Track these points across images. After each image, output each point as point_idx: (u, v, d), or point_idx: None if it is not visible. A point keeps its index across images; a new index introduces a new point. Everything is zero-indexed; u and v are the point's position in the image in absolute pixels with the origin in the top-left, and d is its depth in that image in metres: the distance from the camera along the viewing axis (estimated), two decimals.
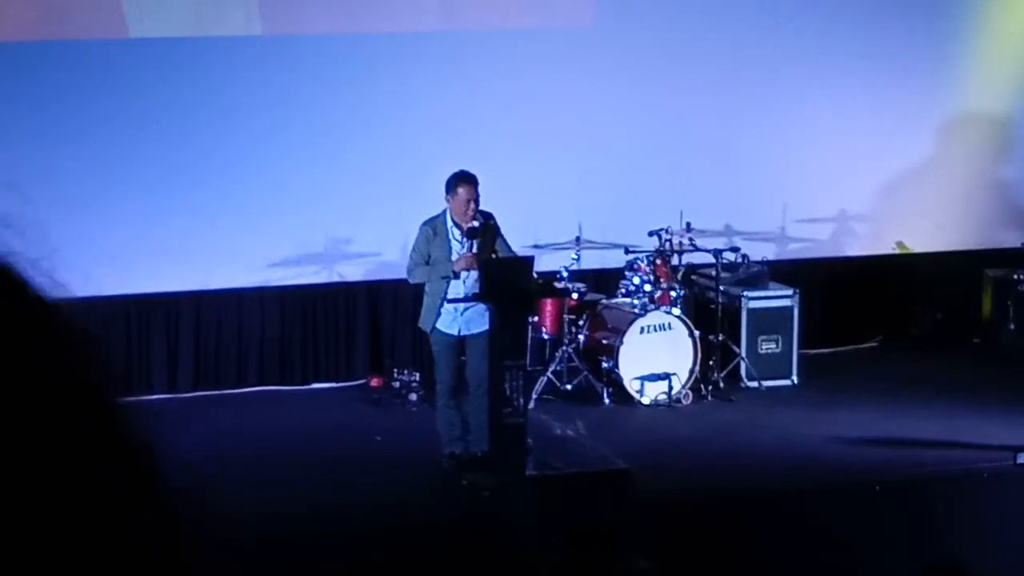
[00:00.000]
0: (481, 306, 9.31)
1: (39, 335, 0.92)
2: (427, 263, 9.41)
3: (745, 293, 11.83)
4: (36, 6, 11.07)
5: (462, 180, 9.36)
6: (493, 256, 9.38)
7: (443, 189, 9.40)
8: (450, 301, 9.31)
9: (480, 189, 9.41)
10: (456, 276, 9.33)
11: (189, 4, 11.36)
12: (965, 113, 13.13)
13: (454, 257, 9.36)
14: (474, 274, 9.31)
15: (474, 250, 9.33)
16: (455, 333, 9.40)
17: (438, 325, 9.42)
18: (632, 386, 11.01)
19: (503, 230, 9.53)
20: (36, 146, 10.95)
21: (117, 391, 0.94)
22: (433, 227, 9.43)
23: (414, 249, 9.51)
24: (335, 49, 11.62)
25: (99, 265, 11.08)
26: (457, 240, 9.37)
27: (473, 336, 9.39)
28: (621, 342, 10.96)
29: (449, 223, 9.39)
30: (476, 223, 9.34)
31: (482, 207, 9.44)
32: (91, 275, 11.05)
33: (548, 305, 11.08)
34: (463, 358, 9.46)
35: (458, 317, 9.37)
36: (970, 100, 13.08)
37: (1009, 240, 13.16)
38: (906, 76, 12.79)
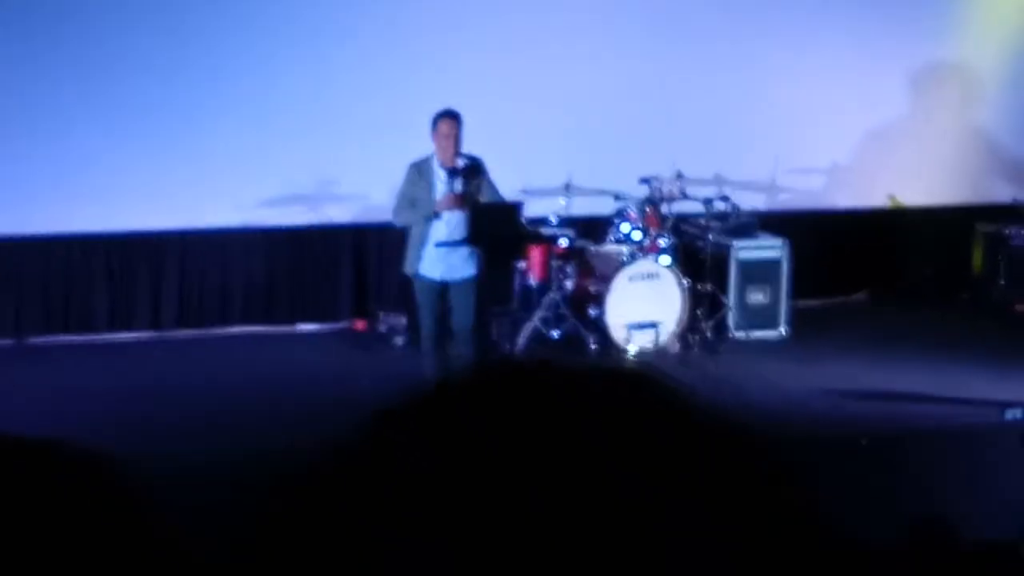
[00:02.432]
0: (465, 251, 9.23)
1: None
2: (412, 205, 9.32)
3: (734, 243, 11.75)
4: None
5: (443, 116, 9.32)
6: (479, 200, 9.29)
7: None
8: (438, 245, 9.22)
9: (469, 132, 9.32)
10: (438, 216, 9.24)
11: None
12: (957, 66, 13.03)
13: (438, 199, 9.28)
14: (458, 216, 9.22)
15: (457, 190, 9.23)
16: (437, 278, 9.32)
17: (420, 269, 9.34)
18: (619, 334, 10.94)
19: (492, 175, 9.43)
20: (14, 78, 10.82)
21: None
22: (419, 169, 9.34)
23: (400, 191, 9.42)
24: None
25: (82, 202, 10.98)
26: (442, 181, 9.28)
27: (456, 282, 9.31)
28: (608, 290, 10.88)
29: (435, 165, 9.30)
30: (460, 163, 9.25)
31: (472, 151, 9.35)
32: (74, 212, 10.95)
33: (536, 251, 10.99)
34: (449, 304, 9.37)
35: (440, 261, 9.28)
36: (965, 52, 12.98)
37: (1000, 195, 13.08)
38: (898, 27, 12.68)
